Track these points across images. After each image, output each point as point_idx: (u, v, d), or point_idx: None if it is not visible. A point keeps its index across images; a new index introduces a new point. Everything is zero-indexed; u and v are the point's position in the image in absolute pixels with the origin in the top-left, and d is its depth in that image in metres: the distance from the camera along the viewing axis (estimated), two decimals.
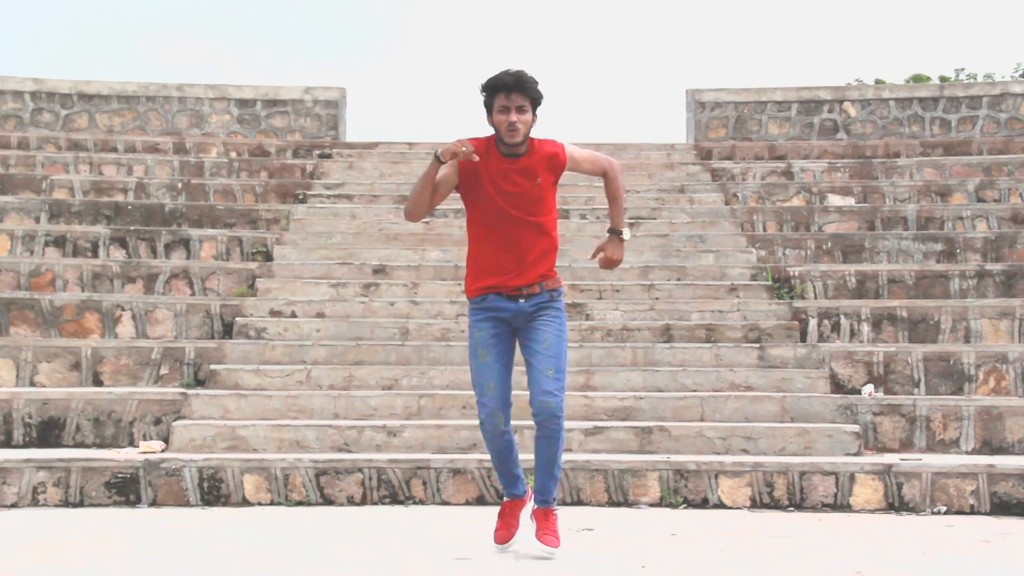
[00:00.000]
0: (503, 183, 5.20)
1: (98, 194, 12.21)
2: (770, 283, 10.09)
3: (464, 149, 5.07)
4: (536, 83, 5.17)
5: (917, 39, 61.01)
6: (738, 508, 7.09)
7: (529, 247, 5.24)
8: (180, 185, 12.43)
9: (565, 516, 6.59)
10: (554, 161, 5.29)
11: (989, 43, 54.22)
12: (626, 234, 5.48)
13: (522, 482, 5.47)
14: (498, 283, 5.25)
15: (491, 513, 6.60)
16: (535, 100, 5.18)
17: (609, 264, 5.49)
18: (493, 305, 5.27)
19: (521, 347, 5.33)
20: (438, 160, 5.12)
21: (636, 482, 7.15)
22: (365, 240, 11.08)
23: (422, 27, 73.19)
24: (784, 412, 7.97)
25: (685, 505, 7.10)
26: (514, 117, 5.11)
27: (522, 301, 5.26)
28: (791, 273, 10.26)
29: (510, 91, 5.10)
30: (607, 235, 5.53)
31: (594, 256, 5.54)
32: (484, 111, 5.24)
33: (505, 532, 5.44)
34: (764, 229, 11.67)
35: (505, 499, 5.51)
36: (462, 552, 5.45)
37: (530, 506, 5.46)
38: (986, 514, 6.96)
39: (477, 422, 7.56)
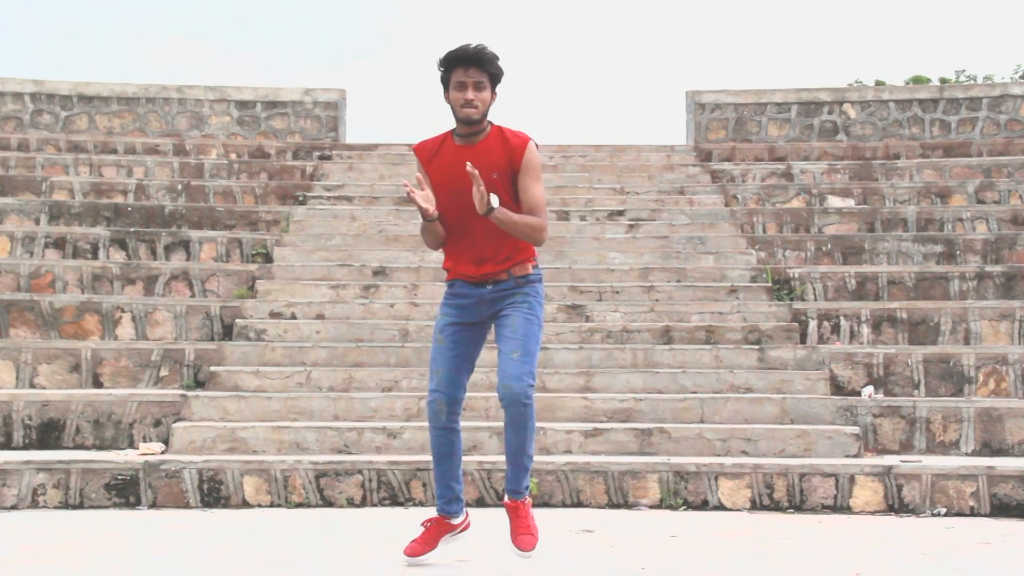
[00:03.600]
0: (457, 179, 4.87)
1: (98, 196, 12.22)
2: (770, 285, 10.09)
3: (419, 197, 4.88)
4: (497, 58, 4.86)
5: (917, 40, 61.03)
6: (738, 510, 7.08)
7: (491, 250, 4.98)
8: (180, 187, 12.44)
9: (564, 518, 6.61)
10: (514, 150, 4.91)
11: (989, 45, 54.25)
12: (495, 200, 4.84)
13: (459, 504, 5.15)
14: (464, 273, 5.04)
15: (491, 515, 6.58)
16: (495, 77, 4.88)
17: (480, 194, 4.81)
18: (459, 291, 5.06)
19: (495, 337, 5.10)
20: (425, 219, 4.94)
21: (636, 484, 7.15)
22: (365, 242, 11.08)
23: (421, 28, 73.24)
24: (784, 414, 7.97)
25: (685, 507, 7.10)
26: (471, 94, 4.82)
27: (488, 287, 5.01)
28: (791, 275, 10.26)
29: (468, 65, 4.80)
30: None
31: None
32: (442, 88, 4.94)
33: (419, 547, 5.13)
34: (764, 231, 11.67)
35: (436, 514, 5.18)
36: (463, 554, 5.44)
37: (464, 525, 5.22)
38: (986, 516, 6.96)
39: (476, 424, 7.63)
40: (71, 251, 10.72)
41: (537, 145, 5.02)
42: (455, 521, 5.20)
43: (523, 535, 5.09)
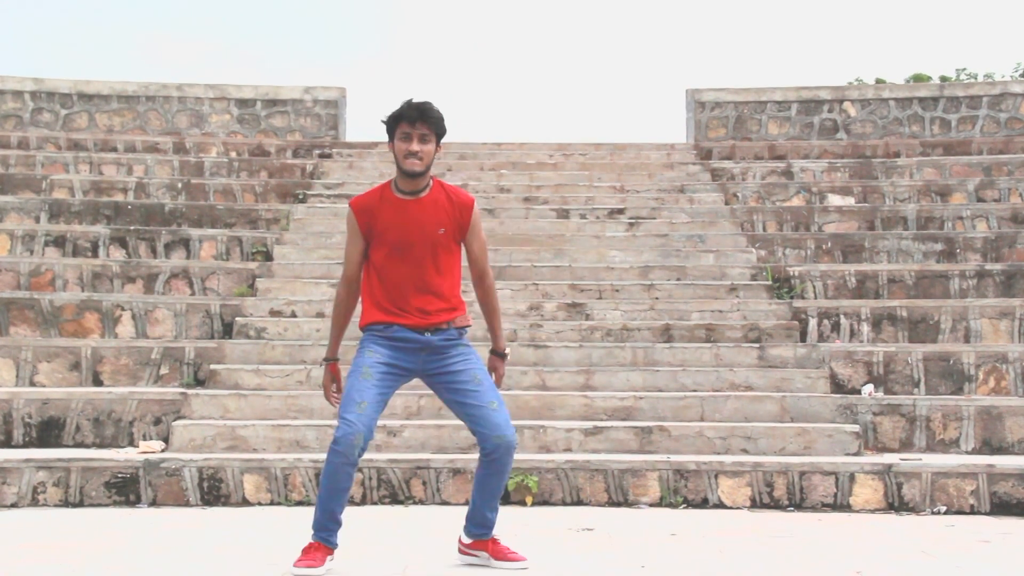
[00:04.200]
0: (404, 233, 4.92)
1: (98, 194, 12.22)
2: (770, 283, 10.09)
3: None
4: (442, 118, 4.92)
5: (918, 39, 61.01)
6: (738, 508, 7.09)
7: (434, 301, 4.96)
8: (180, 185, 12.43)
9: (564, 516, 6.61)
10: (462, 214, 5.00)
11: (990, 43, 54.24)
12: (507, 351, 5.22)
13: (337, 533, 4.97)
14: (408, 323, 4.95)
15: None
16: (439, 133, 4.93)
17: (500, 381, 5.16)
18: (398, 335, 4.93)
19: (446, 392, 4.99)
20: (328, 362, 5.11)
21: (636, 482, 7.15)
22: None
23: (421, 26, 73.21)
24: (784, 412, 7.97)
25: (685, 505, 7.10)
26: (415, 146, 4.86)
27: (428, 335, 4.94)
28: (791, 273, 10.26)
29: (413, 121, 4.87)
30: (490, 355, 5.16)
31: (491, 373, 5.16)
32: (387, 138, 5.00)
33: (310, 561, 4.86)
34: (764, 229, 11.67)
35: (313, 540, 4.94)
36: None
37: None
38: (986, 514, 6.96)
39: None
40: (71, 249, 10.72)
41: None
42: (334, 549, 5.01)
43: (512, 554, 5.11)
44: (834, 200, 12.33)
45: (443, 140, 5.03)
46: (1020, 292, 9.94)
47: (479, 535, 5.14)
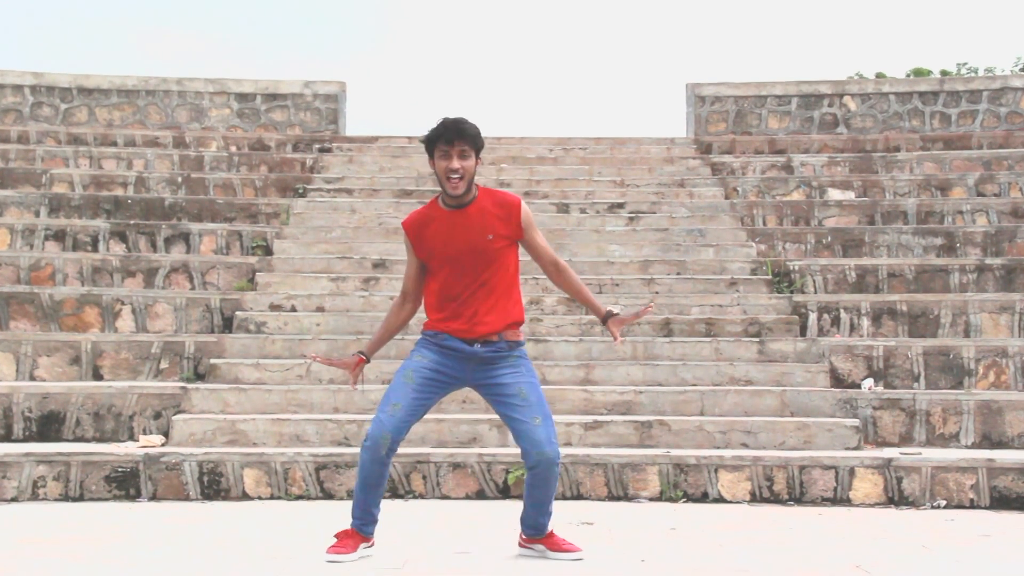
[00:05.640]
0: (451, 245, 4.98)
1: (98, 188, 12.22)
2: (770, 277, 10.09)
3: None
4: (478, 133, 4.98)
5: (918, 33, 60.97)
6: (738, 502, 7.09)
7: (483, 312, 5.00)
8: (180, 179, 12.43)
9: (564, 510, 6.61)
10: (509, 213, 5.05)
11: (990, 37, 54.20)
12: (616, 308, 5.39)
13: (375, 525, 5.15)
14: (455, 329, 5.01)
15: (491, 507, 6.61)
16: (477, 147, 4.99)
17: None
18: (446, 343, 5.00)
19: (493, 404, 5.05)
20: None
21: (636, 476, 7.15)
22: (365, 234, 11.08)
23: (421, 20, 73.15)
24: (784, 406, 7.97)
25: (685, 499, 7.10)
26: (456, 163, 4.91)
27: (477, 346, 4.98)
28: (791, 267, 10.26)
29: (451, 140, 4.92)
30: (606, 325, 5.44)
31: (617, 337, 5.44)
32: (430, 152, 5.02)
33: (340, 548, 5.06)
34: (764, 223, 11.67)
35: (350, 527, 5.12)
36: (462, 546, 5.45)
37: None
38: (986, 508, 6.97)
39: (477, 416, 7.62)
40: (71, 243, 10.72)
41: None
42: (371, 538, 5.19)
43: (566, 545, 5.19)
44: (834, 194, 12.33)
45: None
46: (1020, 287, 9.94)
47: (533, 534, 5.22)
